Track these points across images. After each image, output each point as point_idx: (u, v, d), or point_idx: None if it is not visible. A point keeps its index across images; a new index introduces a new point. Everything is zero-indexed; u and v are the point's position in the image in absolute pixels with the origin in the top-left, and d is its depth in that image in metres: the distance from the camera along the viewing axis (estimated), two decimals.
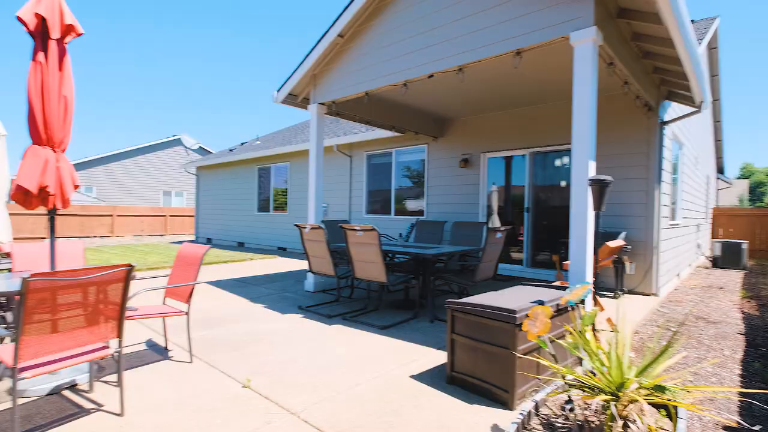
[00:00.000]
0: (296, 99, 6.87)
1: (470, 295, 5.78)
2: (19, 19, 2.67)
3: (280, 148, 12.58)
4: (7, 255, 5.58)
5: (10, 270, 4.73)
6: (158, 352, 3.65)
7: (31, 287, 2.00)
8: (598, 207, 2.90)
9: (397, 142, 9.87)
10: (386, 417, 2.54)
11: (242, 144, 17.65)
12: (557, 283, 4.05)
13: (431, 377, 3.13)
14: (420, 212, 9.51)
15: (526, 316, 2.68)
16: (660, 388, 1.79)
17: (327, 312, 5.09)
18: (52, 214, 2.91)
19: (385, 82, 5.55)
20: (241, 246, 14.46)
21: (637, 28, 4.58)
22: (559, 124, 7.28)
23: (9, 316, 2.73)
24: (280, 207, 13.21)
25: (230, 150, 16.78)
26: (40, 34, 2.74)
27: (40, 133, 2.74)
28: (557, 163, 7.66)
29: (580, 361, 3.25)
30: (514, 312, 2.61)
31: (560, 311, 3.06)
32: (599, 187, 2.82)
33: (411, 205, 9.80)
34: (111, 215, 18.81)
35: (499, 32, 4.37)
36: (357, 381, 3.05)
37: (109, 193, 24.55)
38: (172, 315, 3.32)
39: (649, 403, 1.87)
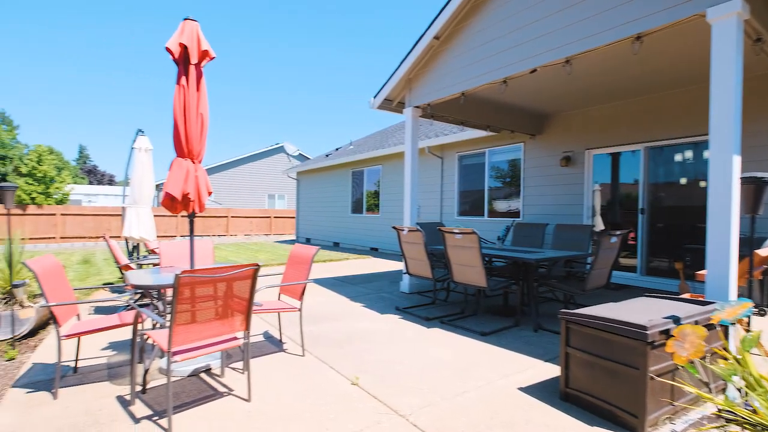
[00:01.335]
0: (391, 103, 7.01)
1: (576, 304, 5.37)
2: (167, 50, 3.10)
3: (373, 152, 12.95)
4: (153, 251, 6.55)
5: (155, 265, 5.54)
6: (274, 344, 3.98)
7: (181, 282, 2.30)
8: (753, 209, 2.47)
9: (490, 142, 9.55)
10: (497, 430, 2.44)
11: (337, 149, 18.55)
12: (686, 296, 3.55)
13: (542, 391, 2.94)
14: (515, 213, 9.07)
15: (662, 333, 2.38)
16: None
17: (424, 314, 5.09)
18: (191, 217, 3.33)
19: (482, 80, 5.39)
20: (336, 246, 15.19)
21: None
22: (680, 115, 6.40)
23: (160, 305, 3.19)
24: (373, 208, 13.60)
25: (326, 155, 17.74)
26: (182, 60, 3.16)
27: (183, 146, 3.16)
28: (677, 158, 6.75)
29: (723, 389, 2.80)
30: (644, 328, 2.33)
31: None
32: (756, 186, 2.39)
33: (505, 206, 9.41)
34: (226, 217, 21.14)
35: (615, 16, 3.97)
36: (462, 388, 2.99)
37: (224, 197, 27.54)
38: (287, 311, 3.59)
39: None
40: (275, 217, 23.08)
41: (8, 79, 77.75)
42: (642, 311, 2.77)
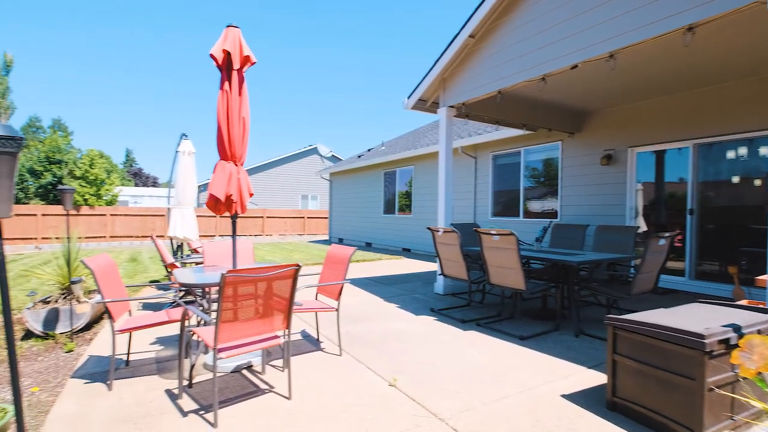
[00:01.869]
0: (425, 104, 6.97)
1: (620, 309, 5.15)
2: (212, 56, 3.21)
3: (405, 153, 12.94)
4: (195, 251, 6.81)
5: (197, 263, 5.76)
6: (312, 343, 4.04)
7: (227, 281, 2.38)
8: None
9: (525, 141, 9.32)
10: None
11: (369, 150, 18.67)
12: (743, 302, 3.33)
13: (586, 399, 2.83)
14: (551, 214, 8.81)
15: (721, 343, 2.24)
16: None
17: (460, 316, 5.02)
18: (233, 218, 3.44)
19: (520, 78, 5.27)
20: (368, 246, 15.27)
21: None
22: (734, 109, 6.01)
23: (204, 303, 3.31)
24: (405, 209, 13.59)
25: (358, 156, 17.88)
26: (225, 66, 3.26)
27: (226, 150, 3.26)
28: (729, 155, 6.33)
29: None
30: (702, 336, 2.20)
31: None
32: None
33: (541, 206, 9.15)
34: (262, 217, 21.73)
35: (666, 7, 3.76)
36: (502, 393, 2.93)
37: (260, 198, 28.30)
38: (325, 310, 3.64)
39: None
40: (308, 217, 23.51)
41: (61, 86, 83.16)
42: (697, 318, 2.62)
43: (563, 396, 2.88)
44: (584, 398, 2.85)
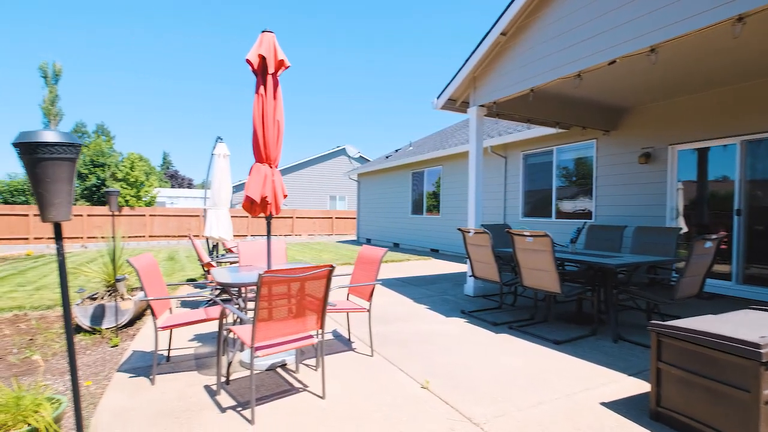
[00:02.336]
0: (455, 103, 6.90)
1: (661, 314, 4.92)
2: (248, 62, 3.30)
3: (433, 153, 12.86)
4: (230, 250, 7.01)
5: (231, 263, 5.92)
6: (344, 343, 4.08)
7: (264, 281, 2.43)
8: None
9: (557, 140, 9.08)
10: None
11: (396, 151, 18.67)
12: None
13: (628, 408, 2.72)
14: (585, 215, 8.54)
15: None
16: None
17: (491, 319, 4.94)
18: (268, 219, 3.52)
19: (554, 75, 5.13)
20: (396, 246, 15.27)
21: None
22: None
23: (240, 302, 3.40)
24: (432, 209, 13.51)
25: (386, 157, 17.92)
26: (260, 71, 3.34)
27: (261, 152, 3.34)
28: None
29: None
30: (757, 346, 2.07)
31: None
32: None
33: (575, 207, 8.88)
34: (291, 217, 22.14)
35: None
36: (538, 399, 2.86)
37: (289, 199, 28.84)
38: (357, 311, 3.67)
39: None
40: (337, 217, 23.77)
41: (104, 92, 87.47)
42: (749, 325, 2.47)
43: (603, 404, 2.79)
44: (625, 407, 2.74)
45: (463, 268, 9.55)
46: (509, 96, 5.91)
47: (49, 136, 1.42)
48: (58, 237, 1.64)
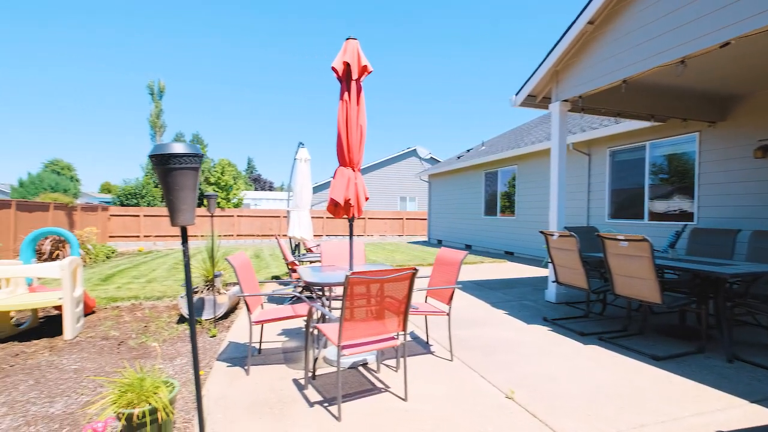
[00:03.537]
0: (535, 99, 6.58)
1: None
2: (333, 69, 3.43)
3: (507, 152, 12.40)
4: (309, 250, 7.37)
5: (312, 262, 6.21)
6: (421, 345, 4.08)
7: (351, 281, 2.51)
8: None
9: (651, 134, 8.24)
10: None
11: (468, 150, 18.29)
12: None
13: None
14: (685, 216, 7.65)
15: None
16: None
17: (578, 328, 4.63)
18: (350, 221, 3.63)
19: (652, 63, 4.66)
20: (468, 248, 14.95)
21: None
22: None
23: (324, 300, 3.55)
24: (507, 210, 13.02)
25: (458, 157, 17.64)
26: (345, 77, 3.46)
27: (345, 156, 3.45)
28: None
29: None
30: None
31: None
32: None
33: (671, 207, 8.00)
34: (364, 218, 22.70)
35: None
36: (639, 420, 2.61)
37: None
38: (437, 314, 3.64)
39: None
40: (407, 218, 23.91)
41: (197, 102, 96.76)
42: None
43: None
44: None
45: (541, 272, 9.07)
46: (597, 89, 5.50)
47: (178, 148, 1.60)
48: (184, 240, 1.82)
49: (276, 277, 8.03)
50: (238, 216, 20.57)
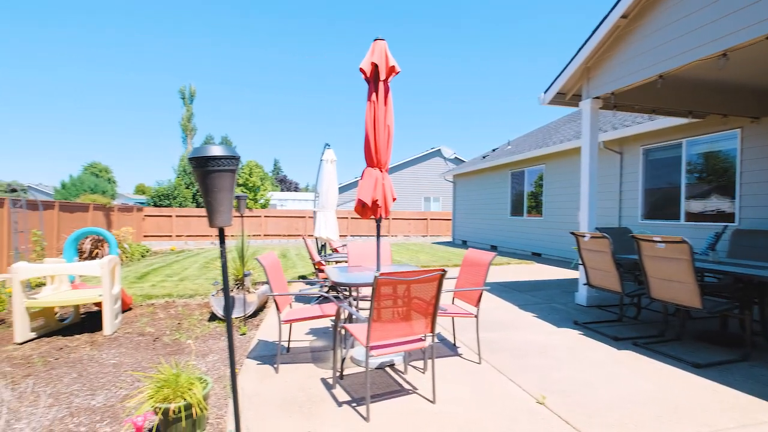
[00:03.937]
0: (565, 97, 6.42)
1: None
2: (361, 70, 3.44)
3: (534, 151, 12.15)
4: (335, 250, 7.43)
5: (337, 262, 6.26)
6: (449, 347, 4.04)
7: (380, 282, 2.51)
8: None
9: (688, 131, 7.89)
10: None
11: (493, 150, 18.03)
12: None
13: None
14: (725, 217, 7.28)
15: None
16: None
17: (612, 333, 4.48)
18: (378, 221, 3.63)
19: (691, 57, 4.47)
20: (494, 249, 14.73)
21: None
22: None
23: (351, 300, 3.57)
24: (533, 211, 12.75)
25: (483, 157, 17.41)
26: (373, 78, 3.46)
27: (372, 157, 3.46)
28: None
29: None
30: None
31: None
32: None
33: (710, 208, 7.63)
34: (388, 218, 22.72)
35: None
36: (679, 430, 2.50)
37: None
38: (465, 316, 3.60)
39: None
40: (431, 219, 23.79)
41: (224, 103, 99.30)
42: None
43: None
44: None
45: (569, 274, 8.83)
46: (631, 85, 5.31)
47: (216, 150, 1.64)
48: (222, 240, 1.86)
49: (302, 277, 8.14)
50: (265, 216, 21.00)
